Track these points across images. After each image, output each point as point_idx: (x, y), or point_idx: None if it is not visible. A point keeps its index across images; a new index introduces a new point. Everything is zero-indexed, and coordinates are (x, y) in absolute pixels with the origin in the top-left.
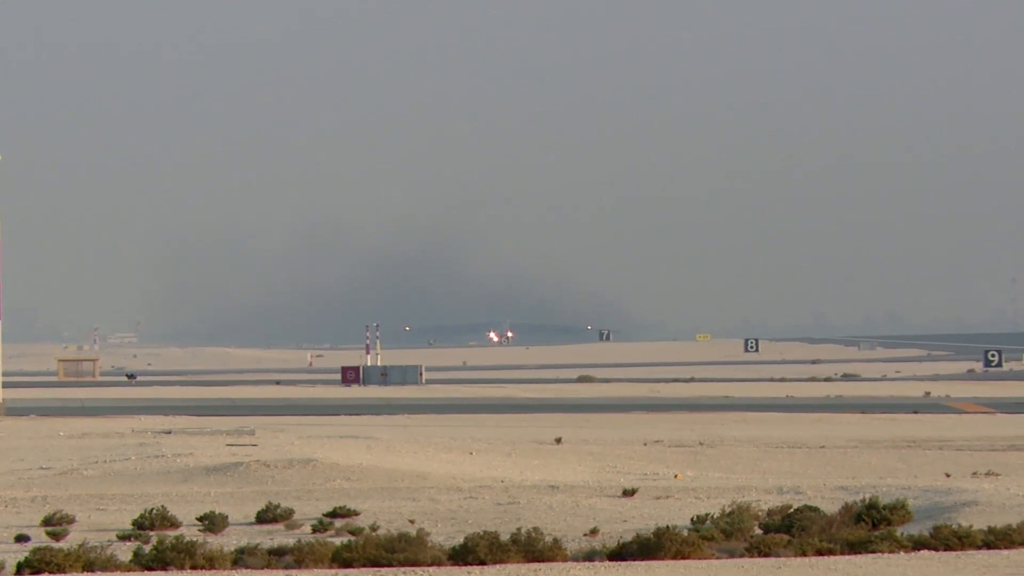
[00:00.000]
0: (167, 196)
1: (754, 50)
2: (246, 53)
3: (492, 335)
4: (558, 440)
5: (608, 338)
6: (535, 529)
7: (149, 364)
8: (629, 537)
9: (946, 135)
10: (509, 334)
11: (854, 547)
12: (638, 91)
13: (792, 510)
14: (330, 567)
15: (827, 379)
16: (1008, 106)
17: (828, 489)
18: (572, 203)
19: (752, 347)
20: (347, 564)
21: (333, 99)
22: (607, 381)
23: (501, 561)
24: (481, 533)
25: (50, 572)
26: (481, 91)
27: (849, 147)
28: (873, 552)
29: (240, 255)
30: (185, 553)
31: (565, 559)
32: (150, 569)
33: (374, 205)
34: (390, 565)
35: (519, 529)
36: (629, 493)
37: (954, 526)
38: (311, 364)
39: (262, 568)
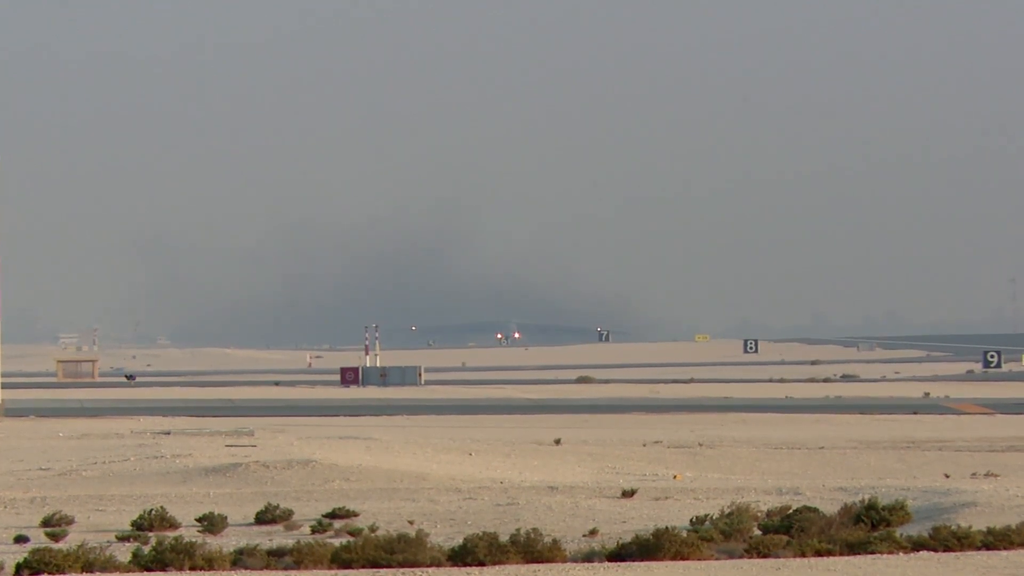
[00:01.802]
0: (165, 197)
1: (755, 54)
2: (238, 52)
3: (499, 336)
4: (557, 441)
5: (607, 339)
6: (534, 530)
7: (148, 365)
8: (628, 538)
9: (945, 137)
10: (516, 335)
11: (853, 548)
12: (639, 93)
13: (791, 511)
14: (329, 568)
15: (826, 380)
16: (1007, 108)
17: (827, 490)
18: (575, 204)
19: (751, 348)
20: (346, 565)
21: (335, 94)
22: (606, 382)
23: (500, 562)
24: (480, 534)
25: (49, 573)
26: (485, 92)
27: (848, 149)
28: (872, 553)
29: (238, 256)
30: (184, 554)
31: (564, 560)
32: (149, 570)
33: (376, 204)
34: (389, 566)
35: (518, 530)
36: (628, 494)
37: (953, 527)
38: (310, 365)
39: (261, 569)
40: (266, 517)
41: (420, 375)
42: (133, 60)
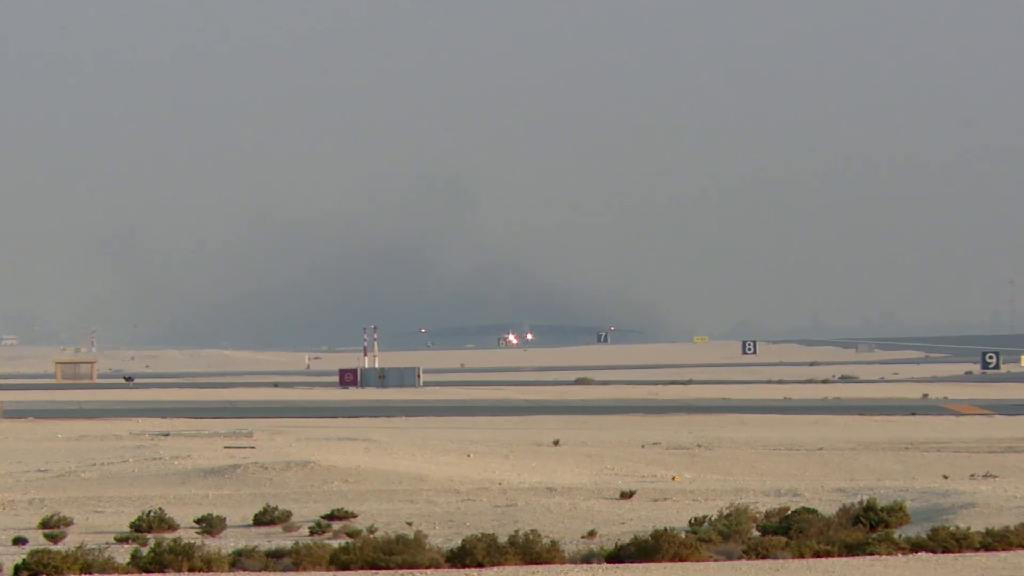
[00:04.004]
0: (160, 201)
1: (753, 57)
2: (222, 51)
3: (511, 337)
4: (556, 442)
5: (606, 340)
6: (533, 531)
7: (147, 366)
8: (627, 539)
9: (943, 139)
10: (529, 336)
11: (852, 549)
12: (637, 95)
13: (790, 512)
14: (328, 569)
15: (825, 381)
16: (1004, 110)
17: (826, 491)
18: (576, 206)
19: (750, 349)
20: (345, 566)
21: (333, 92)
22: (605, 383)
23: (499, 563)
24: (479, 535)
25: (47, 574)
26: (487, 95)
27: (847, 151)
28: (871, 554)
29: (236, 257)
30: (183, 555)
31: (563, 561)
32: (148, 571)
33: (375, 203)
34: (388, 567)
35: (517, 531)
36: (627, 495)
37: (952, 528)
38: (308, 366)
39: (260, 570)
40: (265, 518)
41: (419, 376)
42: (123, 63)
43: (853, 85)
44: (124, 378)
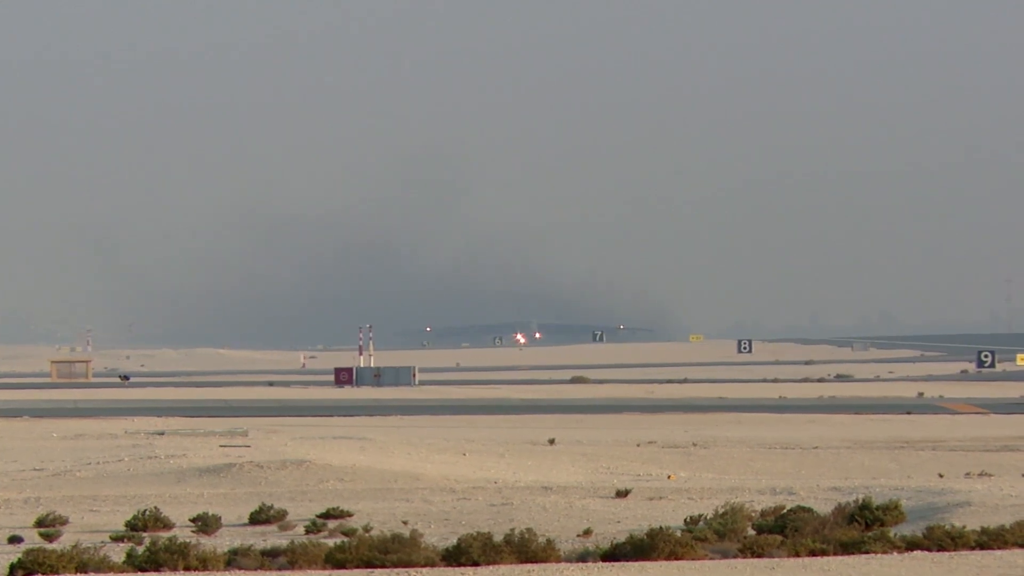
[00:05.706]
0: (153, 200)
1: (754, 58)
2: (209, 50)
3: (519, 337)
4: (551, 441)
5: (602, 339)
6: (528, 530)
7: (142, 365)
8: (622, 538)
9: (940, 139)
10: (537, 335)
11: (847, 548)
12: (634, 94)
13: (785, 511)
14: (323, 568)
15: (820, 380)
16: (1001, 111)
17: (821, 490)
18: (577, 205)
19: (745, 348)
20: (340, 565)
21: (338, 87)
22: (601, 382)
23: (494, 562)
24: (474, 534)
25: (43, 573)
26: (486, 96)
27: (844, 151)
28: (866, 553)
29: (231, 255)
30: (178, 554)
31: (558, 560)
32: (143, 570)
33: (379, 201)
34: (383, 566)
35: (512, 530)
36: (622, 494)
37: (947, 527)
38: (304, 365)
39: (255, 569)
40: (260, 517)
41: (414, 375)
42: (111, 62)
43: (852, 86)
44: (120, 377)
